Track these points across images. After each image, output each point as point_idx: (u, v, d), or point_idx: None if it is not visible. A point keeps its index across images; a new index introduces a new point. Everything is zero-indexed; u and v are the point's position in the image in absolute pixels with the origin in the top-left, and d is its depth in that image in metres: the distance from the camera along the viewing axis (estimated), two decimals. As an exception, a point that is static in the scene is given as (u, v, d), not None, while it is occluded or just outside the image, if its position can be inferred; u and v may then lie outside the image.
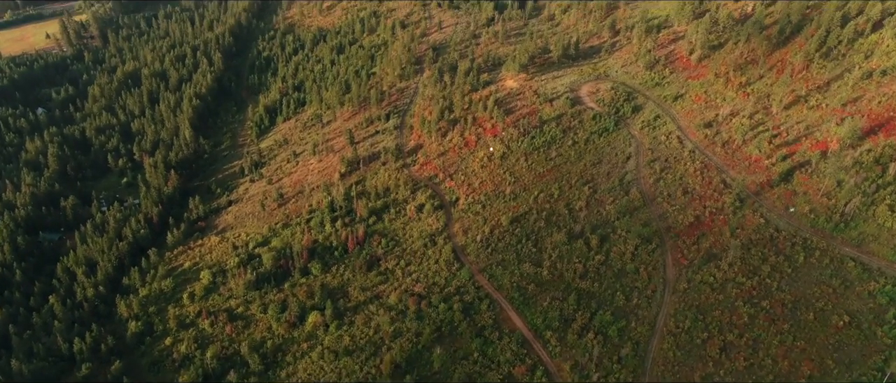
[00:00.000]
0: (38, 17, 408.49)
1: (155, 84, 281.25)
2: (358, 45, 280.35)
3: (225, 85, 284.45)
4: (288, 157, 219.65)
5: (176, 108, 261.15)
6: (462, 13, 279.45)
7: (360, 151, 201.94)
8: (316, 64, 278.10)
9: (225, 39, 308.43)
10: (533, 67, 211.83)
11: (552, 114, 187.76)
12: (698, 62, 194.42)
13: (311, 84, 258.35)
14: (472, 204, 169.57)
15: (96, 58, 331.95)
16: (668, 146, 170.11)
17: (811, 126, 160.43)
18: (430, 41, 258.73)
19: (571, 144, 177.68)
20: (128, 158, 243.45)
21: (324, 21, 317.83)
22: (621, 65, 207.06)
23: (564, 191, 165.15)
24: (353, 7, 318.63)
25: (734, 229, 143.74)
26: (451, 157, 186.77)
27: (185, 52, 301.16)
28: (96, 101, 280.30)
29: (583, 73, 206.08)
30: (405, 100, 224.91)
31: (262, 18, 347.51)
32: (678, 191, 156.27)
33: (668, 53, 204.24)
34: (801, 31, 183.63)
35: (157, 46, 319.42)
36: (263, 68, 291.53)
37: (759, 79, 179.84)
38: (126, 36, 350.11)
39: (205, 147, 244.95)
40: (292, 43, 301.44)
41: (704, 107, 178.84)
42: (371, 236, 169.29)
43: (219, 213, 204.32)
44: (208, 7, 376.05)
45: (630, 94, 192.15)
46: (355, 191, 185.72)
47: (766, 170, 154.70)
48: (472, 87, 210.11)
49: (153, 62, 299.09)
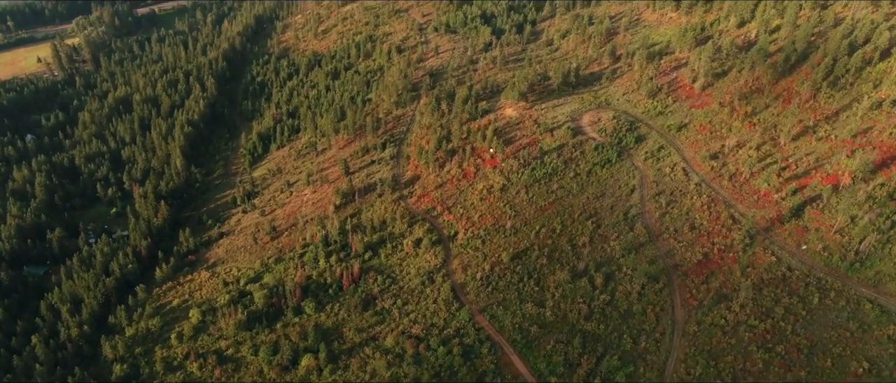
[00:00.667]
0: (31, 41, 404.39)
1: (147, 110, 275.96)
2: (353, 70, 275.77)
3: (218, 111, 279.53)
4: (281, 187, 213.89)
5: (167, 136, 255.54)
6: (459, 38, 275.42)
7: (356, 182, 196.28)
8: (311, 89, 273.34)
9: (218, 64, 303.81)
10: (532, 95, 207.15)
11: (553, 144, 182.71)
12: (702, 90, 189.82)
13: (305, 110, 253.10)
14: (471, 238, 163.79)
15: (88, 82, 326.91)
16: (673, 179, 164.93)
17: (821, 158, 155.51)
18: (427, 67, 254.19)
19: (573, 176, 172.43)
20: (117, 187, 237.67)
21: (319, 45, 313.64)
22: (623, 92, 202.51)
23: (567, 225, 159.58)
24: (349, 31, 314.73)
25: (745, 268, 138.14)
26: (449, 189, 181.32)
27: (178, 78, 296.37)
28: (86, 128, 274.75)
29: (583, 102, 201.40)
30: (402, 128, 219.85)
31: (256, 42, 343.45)
32: (685, 227, 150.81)
33: (670, 81, 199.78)
34: (806, 60, 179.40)
35: (149, 71, 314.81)
36: (257, 94, 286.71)
37: (765, 108, 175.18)
38: (118, 60, 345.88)
39: (196, 176, 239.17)
40: (287, 67, 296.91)
41: (709, 138, 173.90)
42: (367, 273, 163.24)
43: (210, 246, 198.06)
44: (202, 31, 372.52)
45: (632, 123, 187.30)
46: (351, 224, 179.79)
47: (775, 204, 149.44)
48: (471, 115, 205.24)
49: (145, 88, 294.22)
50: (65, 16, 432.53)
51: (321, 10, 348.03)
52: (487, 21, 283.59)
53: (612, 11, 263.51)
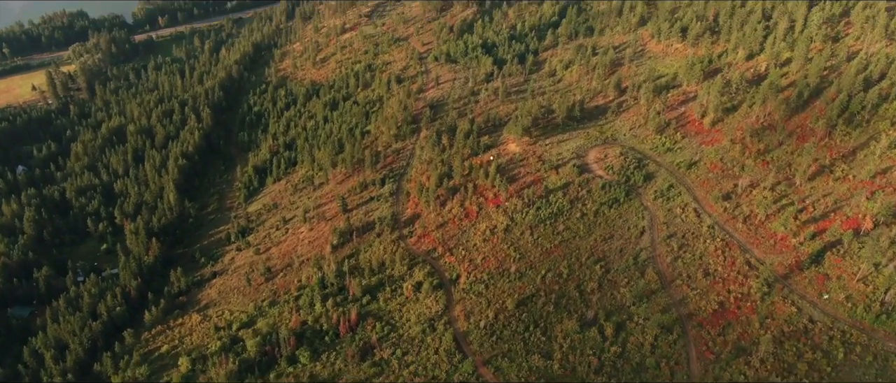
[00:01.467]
0: (26, 68, 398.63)
1: (140, 141, 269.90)
2: (352, 100, 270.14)
3: (214, 142, 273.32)
4: (277, 224, 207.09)
5: (161, 168, 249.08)
6: (460, 68, 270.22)
7: (354, 220, 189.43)
8: (308, 120, 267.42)
9: (215, 94, 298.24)
10: (536, 130, 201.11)
11: (558, 182, 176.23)
12: (711, 126, 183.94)
13: (302, 142, 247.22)
14: (474, 283, 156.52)
15: (82, 111, 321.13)
16: (684, 220, 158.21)
17: (839, 200, 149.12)
18: (428, 98, 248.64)
19: (580, 217, 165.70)
20: (109, 222, 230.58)
21: (317, 74, 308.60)
22: (629, 127, 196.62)
23: (574, 269, 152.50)
24: (348, 59, 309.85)
25: (764, 319, 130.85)
26: (450, 229, 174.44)
27: (173, 108, 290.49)
28: (79, 160, 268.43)
29: (589, 137, 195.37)
30: (401, 163, 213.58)
31: (253, 71, 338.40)
32: (698, 273, 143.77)
33: (678, 116, 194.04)
34: (820, 95, 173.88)
35: (144, 100, 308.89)
36: (254, 124, 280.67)
37: (778, 146, 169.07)
38: (114, 88, 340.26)
39: (190, 210, 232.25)
40: (284, 97, 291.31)
41: (721, 177, 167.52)
42: (365, 319, 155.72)
43: (202, 286, 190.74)
44: (199, 58, 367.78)
45: (640, 160, 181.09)
46: (348, 265, 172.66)
47: (793, 250, 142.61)
48: (472, 150, 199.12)
49: (140, 118, 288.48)
50: (61, 42, 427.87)
51: (320, 37, 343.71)
52: (488, 50, 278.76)
53: (616, 41, 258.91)
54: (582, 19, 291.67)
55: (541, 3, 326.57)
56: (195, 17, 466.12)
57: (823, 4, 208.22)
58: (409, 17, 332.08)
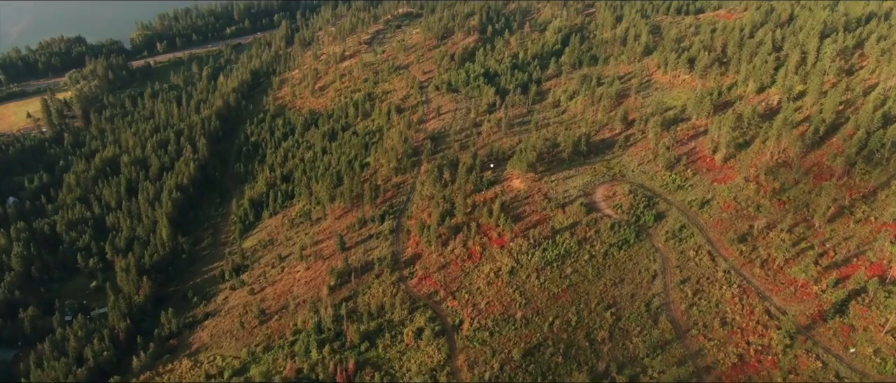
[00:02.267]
0: (22, 95, 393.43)
1: (134, 172, 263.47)
2: (351, 131, 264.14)
3: (209, 173, 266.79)
4: (273, 261, 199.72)
5: (155, 201, 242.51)
6: (462, 97, 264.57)
7: (353, 259, 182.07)
8: (306, 151, 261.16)
9: (211, 123, 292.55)
10: (541, 165, 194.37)
11: (565, 222, 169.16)
12: (723, 162, 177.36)
13: (300, 175, 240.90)
14: (478, 330, 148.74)
15: (76, 140, 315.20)
16: (698, 264, 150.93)
17: (862, 244, 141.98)
18: (428, 129, 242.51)
19: (588, 259, 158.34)
20: (99, 258, 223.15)
21: (316, 103, 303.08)
22: (638, 163, 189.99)
23: (583, 316, 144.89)
24: (347, 88, 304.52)
25: (787, 374, 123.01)
26: (453, 271, 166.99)
27: (169, 138, 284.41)
28: (71, 191, 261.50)
29: (596, 173, 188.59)
30: (402, 198, 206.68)
31: (251, 99, 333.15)
32: (715, 322, 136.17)
33: (688, 151, 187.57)
34: (837, 131, 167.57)
35: (140, 129, 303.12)
36: (251, 155, 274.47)
37: (794, 184, 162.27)
38: (109, 116, 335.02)
39: (183, 245, 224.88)
40: (282, 127, 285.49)
41: (736, 217, 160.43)
42: (363, 368, 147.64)
43: (194, 328, 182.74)
44: (197, 86, 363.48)
45: (650, 198, 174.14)
46: (346, 309, 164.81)
47: (815, 298, 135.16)
48: (475, 186, 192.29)
49: (135, 147, 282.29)
50: (58, 68, 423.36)
51: (319, 65, 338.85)
52: (490, 80, 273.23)
53: (621, 71, 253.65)
54: (585, 48, 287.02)
55: (543, 30, 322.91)
56: (194, 43, 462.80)
57: (836, 36, 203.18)
58: (410, 45, 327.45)
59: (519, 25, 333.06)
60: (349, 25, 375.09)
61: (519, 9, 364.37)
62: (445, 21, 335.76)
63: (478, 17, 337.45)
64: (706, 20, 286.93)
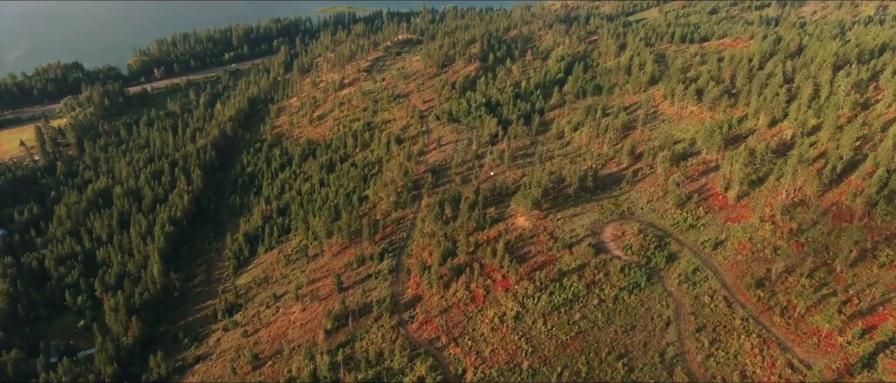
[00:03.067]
0: (16, 122, 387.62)
1: (127, 204, 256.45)
2: (350, 162, 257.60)
3: (204, 206, 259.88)
4: (267, 300, 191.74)
5: (147, 235, 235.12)
6: (463, 128, 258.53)
7: (350, 301, 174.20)
8: (304, 183, 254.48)
9: (207, 154, 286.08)
10: (546, 202, 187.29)
11: (573, 264, 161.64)
12: (737, 200, 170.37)
13: (297, 208, 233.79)
14: (482, 380, 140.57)
15: (69, 170, 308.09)
16: (714, 310, 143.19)
17: (888, 291, 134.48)
18: (429, 161, 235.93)
19: (598, 304, 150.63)
20: (88, 295, 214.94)
21: (314, 132, 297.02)
22: (647, 200, 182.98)
23: (594, 367, 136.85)
24: (346, 117, 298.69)
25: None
26: (455, 315, 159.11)
27: (163, 168, 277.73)
28: (61, 224, 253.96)
29: (604, 211, 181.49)
30: (402, 235, 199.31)
31: (248, 127, 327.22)
32: (735, 375, 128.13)
33: (699, 188, 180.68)
34: (855, 169, 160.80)
35: (134, 159, 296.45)
36: (247, 186, 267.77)
37: (812, 225, 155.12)
38: (103, 145, 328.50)
39: (175, 282, 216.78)
40: (279, 157, 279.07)
41: (752, 260, 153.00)
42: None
43: (183, 372, 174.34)
44: (194, 113, 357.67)
45: (661, 238, 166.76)
46: (342, 355, 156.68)
47: (841, 349, 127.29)
48: (478, 224, 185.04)
49: (128, 178, 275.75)
50: (54, 95, 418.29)
51: (317, 93, 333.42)
52: (492, 109, 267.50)
53: (627, 102, 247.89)
54: (589, 77, 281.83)
55: (545, 58, 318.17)
56: (191, 69, 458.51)
57: (849, 68, 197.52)
58: (410, 73, 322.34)
59: (520, 53, 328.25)
60: (348, 52, 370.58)
61: (520, 36, 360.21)
62: (446, 48, 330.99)
63: (479, 44, 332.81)
64: (711, 49, 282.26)
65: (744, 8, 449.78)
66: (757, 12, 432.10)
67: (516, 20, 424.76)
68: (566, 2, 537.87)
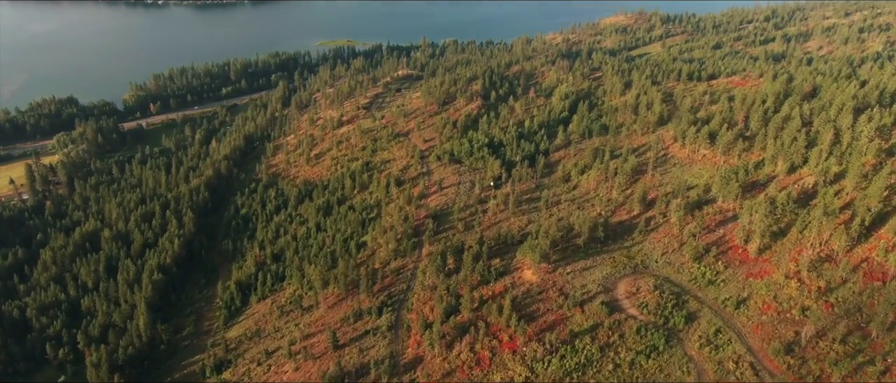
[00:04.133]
0: (7, 159, 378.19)
1: (115, 249, 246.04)
2: (348, 205, 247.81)
3: (195, 250, 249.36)
4: (259, 357, 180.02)
5: (135, 283, 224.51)
6: (465, 169, 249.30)
7: (346, 361, 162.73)
8: (299, 226, 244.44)
9: (200, 195, 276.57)
10: (555, 253, 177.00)
11: (585, 324, 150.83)
12: (758, 254, 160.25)
13: (292, 254, 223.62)
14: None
15: (58, 210, 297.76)
16: (740, 378, 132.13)
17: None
18: (430, 206, 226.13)
19: (613, 369, 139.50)
20: (71, 348, 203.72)
21: (311, 172, 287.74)
22: (661, 252, 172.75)
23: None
24: (344, 157, 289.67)
25: None
26: (459, 380, 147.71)
27: (154, 210, 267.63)
28: (46, 269, 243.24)
29: (616, 264, 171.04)
30: (401, 286, 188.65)
31: (244, 166, 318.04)
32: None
33: (717, 239, 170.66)
34: (885, 222, 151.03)
35: (125, 199, 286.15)
36: (240, 229, 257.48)
37: (841, 283, 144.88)
38: (94, 184, 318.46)
39: (162, 334, 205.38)
40: (275, 199, 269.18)
41: (778, 321, 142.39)
42: None
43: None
44: (188, 151, 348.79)
45: (679, 295, 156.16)
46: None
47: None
48: (482, 277, 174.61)
49: (117, 220, 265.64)
50: (47, 131, 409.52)
51: (315, 131, 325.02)
52: (495, 150, 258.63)
53: (635, 143, 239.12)
54: (594, 115, 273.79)
55: (548, 96, 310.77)
56: (188, 104, 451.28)
57: (871, 112, 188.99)
58: (410, 111, 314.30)
59: (523, 90, 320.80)
60: (347, 89, 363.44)
61: (522, 72, 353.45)
62: (447, 85, 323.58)
63: (480, 81, 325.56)
64: (720, 87, 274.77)
65: (747, 43, 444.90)
66: (761, 47, 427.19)
67: (518, 55, 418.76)
68: (567, 35, 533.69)
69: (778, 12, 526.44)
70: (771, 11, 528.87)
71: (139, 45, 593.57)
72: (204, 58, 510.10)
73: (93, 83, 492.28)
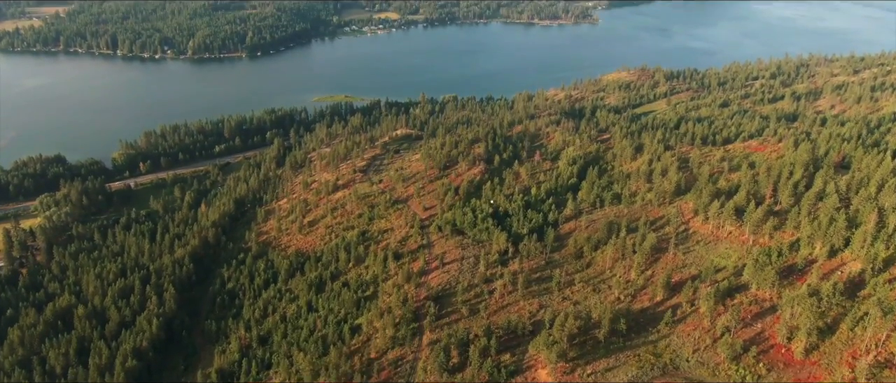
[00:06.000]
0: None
1: (89, 328, 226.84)
2: (342, 281, 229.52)
3: (176, 330, 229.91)
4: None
5: (107, 370, 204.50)
6: (469, 242, 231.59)
7: None
8: (289, 304, 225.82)
9: (184, 267, 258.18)
10: (572, 349, 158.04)
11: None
12: (805, 356, 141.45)
13: (280, 338, 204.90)
14: None
15: (33, 281, 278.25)
16: None
17: None
18: (432, 284, 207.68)
19: None
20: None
21: (304, 241, 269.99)
22: (692, 348, 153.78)
23: None
24: (339, 225, 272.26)
25: None
26: None
27: (134, 285, 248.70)
28: (13, 352, 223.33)
29: (642, 363, 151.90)
30: (400, 381, 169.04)
31: (233, 233, 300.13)
32: None
33: (755, 335, 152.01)
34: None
35: (104, 271, 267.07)
36: (226, 306, 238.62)
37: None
38: (74, 252, 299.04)
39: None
40: (264, 272, 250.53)
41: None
42: None
43: None
44: (177, 214, 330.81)
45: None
46: None
47: None
48: (491, 376, 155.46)
49: (93, 295, 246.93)
50: (31, 192, 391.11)
51: (309, 195, 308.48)
52: (501, 221, 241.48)
53: (651, 215, 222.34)
54: (605, 182, 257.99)
55: (555, 159, 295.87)
56: (180, 162, 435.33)
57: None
58: (409, 175, 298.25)
59: (528, 153, 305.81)
60: (344, 150, 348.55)
61: (526, 133, 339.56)
62: (448, 148, 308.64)
63: (483, 144, 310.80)
64: (738, 153, 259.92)
65: (755, 101, 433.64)
66: (770, 105, 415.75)
67: (520, 113, 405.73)
68: (569, 91, 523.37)
69: (783, 68, 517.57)
70: (776, 68, 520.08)
71: (133, 100, 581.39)
72: (199, 114, 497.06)
73: (83, 140, 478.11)
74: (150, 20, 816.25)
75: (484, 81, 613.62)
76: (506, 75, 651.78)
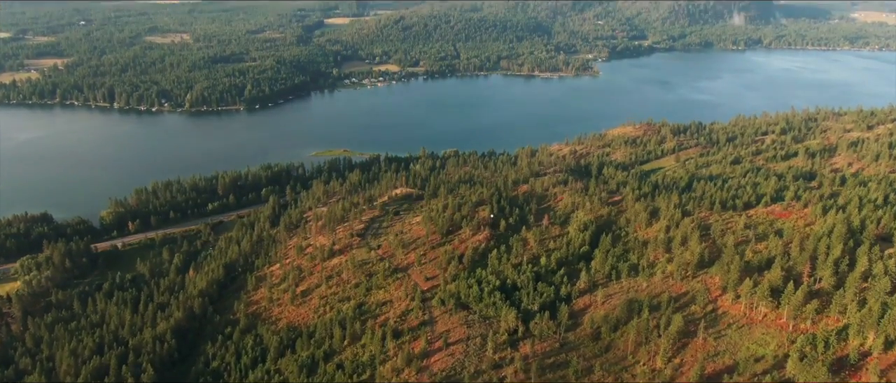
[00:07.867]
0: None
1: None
2: (336, 362, 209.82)
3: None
4: None
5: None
6: (475, 319, 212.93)
7: None
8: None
9: (165, 344, 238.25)
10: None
11: None
12: None
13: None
14: None
15: (4, 354, 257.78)
16: None
17: None
18: (434, 370, 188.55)
19: None
20: None
21: (296, 313, 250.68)
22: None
23: None
24: (334, 295, 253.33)
25: None
26: None
27: (110, 363, 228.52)
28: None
29: None
30: None
31: (221, 303, 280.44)
32: None
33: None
34: None
35: (80, 346, 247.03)
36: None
37: None
38: (50, 322, 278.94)
39: None
40: (252, 349, 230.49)
41: None
42: None
43: None
44: (163, 280, 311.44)
45: None
46: None
47: None
48: None
49: (66, 375, 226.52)
50: (13, 253, 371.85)
51: (303, 261, 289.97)
52: (509, 294, 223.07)
53: (674, 290, 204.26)
54: (619, 251, 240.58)
55: (564, 224, 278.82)
56: (170, 221, 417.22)
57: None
58: (409, 240, 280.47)
59: (535, 217, 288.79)
60: (341, 211, 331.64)
61: (532, 194, 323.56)
62: (451, 211, 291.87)
63: (488, 208, 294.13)
64: (762, 219, 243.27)
65: (768, 158, 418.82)
66: (784, 163, 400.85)
67: (524, 170, 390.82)
68: (574, 147, 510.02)
69: (791, 122, 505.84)
70: (785, 122, 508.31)
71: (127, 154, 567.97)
72: (194, 168, 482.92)
73: (72, 196, 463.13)
74: (148, 73, 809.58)
75: (485, 135, 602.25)
76: (507, 128, 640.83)
